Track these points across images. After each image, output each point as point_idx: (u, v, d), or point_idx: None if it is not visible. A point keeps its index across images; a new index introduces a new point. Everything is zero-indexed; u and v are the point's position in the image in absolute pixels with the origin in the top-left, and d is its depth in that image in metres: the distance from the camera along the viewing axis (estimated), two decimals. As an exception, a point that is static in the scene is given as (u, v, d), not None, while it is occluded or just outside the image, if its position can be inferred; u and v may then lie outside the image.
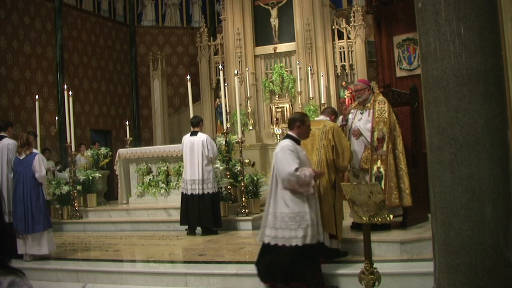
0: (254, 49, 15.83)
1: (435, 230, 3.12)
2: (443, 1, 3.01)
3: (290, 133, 5.11)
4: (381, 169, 5.82)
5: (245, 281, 5.50)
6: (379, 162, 5.87)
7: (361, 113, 6.21)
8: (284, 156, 4.86)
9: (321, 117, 6.05)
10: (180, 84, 18.14)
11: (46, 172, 7.37)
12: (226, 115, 10.23)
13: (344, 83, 15.06)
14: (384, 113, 5.98)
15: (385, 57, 10.94)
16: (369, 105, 6.16)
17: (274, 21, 15.66)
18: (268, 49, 15.73)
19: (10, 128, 7.60)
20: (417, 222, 6.26)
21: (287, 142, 5.00)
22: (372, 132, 5.97)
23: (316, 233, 4.87)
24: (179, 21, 18.92)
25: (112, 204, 11.40)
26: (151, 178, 10.30)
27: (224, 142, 9.17)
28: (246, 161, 9.21)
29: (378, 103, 6.07)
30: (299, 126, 5.04)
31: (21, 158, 6.93)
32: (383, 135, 5.91)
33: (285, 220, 4.83)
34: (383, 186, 5.63)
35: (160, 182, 10.20)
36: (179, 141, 9.13)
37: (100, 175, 11.21)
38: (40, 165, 6.92)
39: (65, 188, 10.01)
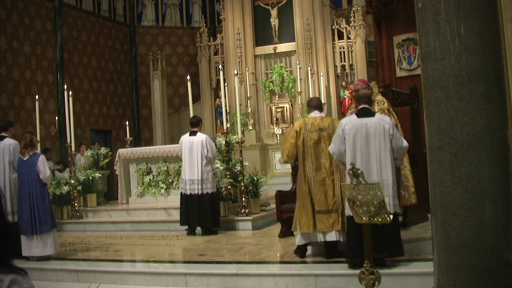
0: (254, 49, 15.83)
1: (435, 230, 3.12)
2: (443, 1, 3.01)
3: (368, 106, 5.23)
4: None
5: (245, 281, 5.50)
6: None
7: None
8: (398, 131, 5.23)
9: (316, 114, 5.78)
10: (180, 84, 18.14)
11: None
12: (226, 115, 10.23)
13: (344, 83, 15.06)
14: (385, 113, 5.99)
15: (385, 57, 10.95)
16: None
17: (274, 21, 15.66)
18: (268, 49, 15.73)
19: (10, 128, 7.59)
20: (417, 222, 6.26)
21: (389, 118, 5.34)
22: None
23: None
24: (179, 21, 18.92)
25: (112, 204, 11.39)
26: (151, 178, 10.30)
27: (224, 142, 9.17)
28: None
29: (378, 103, 6.08)
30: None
31: (25, 159, 6.92)
32: None
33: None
34: None
35: (160, 182, 10.20)
36: (179, 141, 9.13)
37: (100, 175, 11.21)
38: (44, 166, 6.92)
39: (65, 188, 10.01)
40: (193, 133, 8.48)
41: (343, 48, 15.27)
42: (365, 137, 5.03)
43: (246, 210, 8.83)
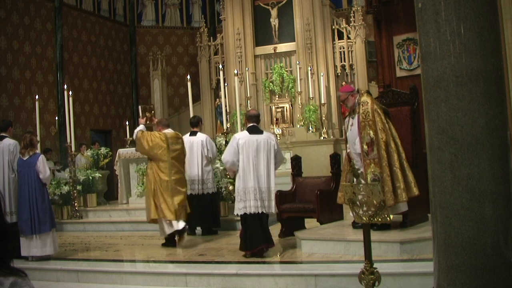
0: (254, 49, 15.83)
1: (435, 230, 3.12)
2: (443, 1, 3.01)
3: (257, 125, 6.49)
4: (377, 172, 5.82)
5: (245, 281, 5.50)
6: (372, 165, 5.88)
7: (352, 118, 6.25)
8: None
9: (170, 130, 7.67)
10: (180, 84, 18.14)
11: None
12: (226, 115, 10.23)
13: (344, 83, 15.04)
14: (368, 115, 5.97)
15: (385, 57, 10.94)
16: (356, 108, 6.17)
17: (274, 21, 15.66)
18: (268, 49, 15.74)
19: (10, 128, 7.60)
20: (417, 222, 6.26)
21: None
22: (361, 138, 5.99)
23: None
24: (179, 21, 18.92)
25: (112, 204, 11.40)
26: (151, 178, 10.28)
27: (224, 142, 9.17)
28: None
29: (362, 105, 6.07)
30: None
31: (25, 159, 6.93)
32: (371, 139, 5.91)
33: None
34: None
35: (160, 182, 10.19)
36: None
37: (100, 175, 11.21)
38: (44, 166, 6.92)
39: (65, 188, 10.01)
40: (193, 133, 8.48)
41: (343, 48, 15.27)
42: (255, 150, 6.16)
43: (246, 210, 8.81)
